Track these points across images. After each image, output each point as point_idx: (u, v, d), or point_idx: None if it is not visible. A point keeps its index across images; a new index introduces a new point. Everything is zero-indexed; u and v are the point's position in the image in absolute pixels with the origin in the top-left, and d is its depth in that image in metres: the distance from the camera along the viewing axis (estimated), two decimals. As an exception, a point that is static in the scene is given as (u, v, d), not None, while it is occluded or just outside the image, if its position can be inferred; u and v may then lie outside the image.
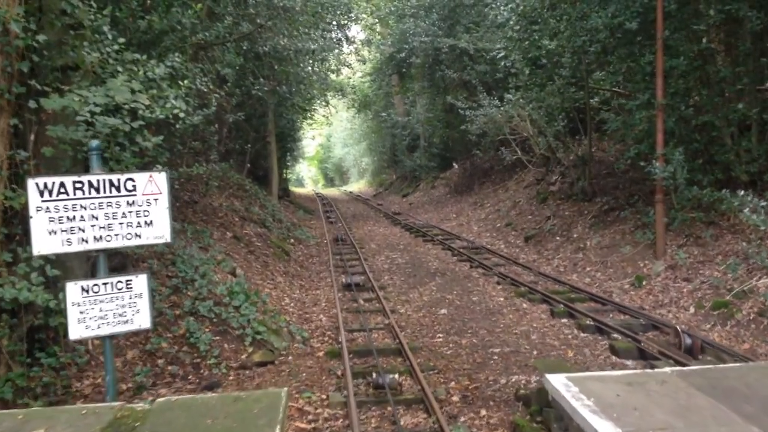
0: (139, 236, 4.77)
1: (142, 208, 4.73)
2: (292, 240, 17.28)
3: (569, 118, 19.43)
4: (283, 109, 25.25)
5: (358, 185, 59.15)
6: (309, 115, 35.72)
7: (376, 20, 32.74)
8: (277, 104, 23.68)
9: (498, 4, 22.53)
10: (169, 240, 4.93)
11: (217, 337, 7.93)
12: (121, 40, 6.79)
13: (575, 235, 14.44)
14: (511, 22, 17.77)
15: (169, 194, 4.88)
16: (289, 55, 15.38)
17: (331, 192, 53.47)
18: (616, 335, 8.61)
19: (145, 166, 6.87)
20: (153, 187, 4.77)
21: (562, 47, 16.60)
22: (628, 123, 13.45)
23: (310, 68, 19.84)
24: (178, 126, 8.10)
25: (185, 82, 8.56)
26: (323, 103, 37.54)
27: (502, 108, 21.47)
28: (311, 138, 59.53)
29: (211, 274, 9.24)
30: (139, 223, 4.74)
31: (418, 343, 8.51)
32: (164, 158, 7.92)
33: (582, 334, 8.86)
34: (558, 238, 14.98)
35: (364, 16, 29.90)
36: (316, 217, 27.79)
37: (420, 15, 27.92)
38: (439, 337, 8.90)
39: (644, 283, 10.69)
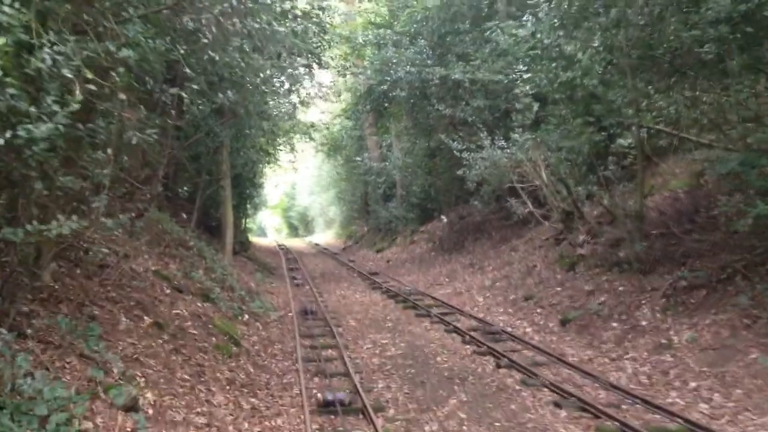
0: None
1: None
2: (246, 317, 12.82)
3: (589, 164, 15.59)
4: (241, 146, 20.97)
5: (325, 236, 54.72)
6: (273, 158, 31.57)
7: (351, 50, 28.74)
8: (233, 138, 19.41)
9: (500, 30, 18.87)
10: None
11: None
12: None
13: (644, 323, 10.27)
14: (540, 35, 13.81)
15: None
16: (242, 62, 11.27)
17: (296, 243, 48.92)
18: None
19: None
20: None
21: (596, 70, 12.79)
22: (748, 163, 9.26)
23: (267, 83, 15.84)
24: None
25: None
26: (288, 146, 33.54)
27: (507, 150, 17.60)
28: (275, 186, 55.17)
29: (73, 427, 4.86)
30: None
31: None
32: None
33: None
34: (615, 324, 10.80)
35: (338, 41, 25.91)
36: (278, 276, 23.32)
37: (403, 43, 24.05)
38: None
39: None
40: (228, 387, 8.09)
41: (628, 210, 13.97)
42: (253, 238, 40.77)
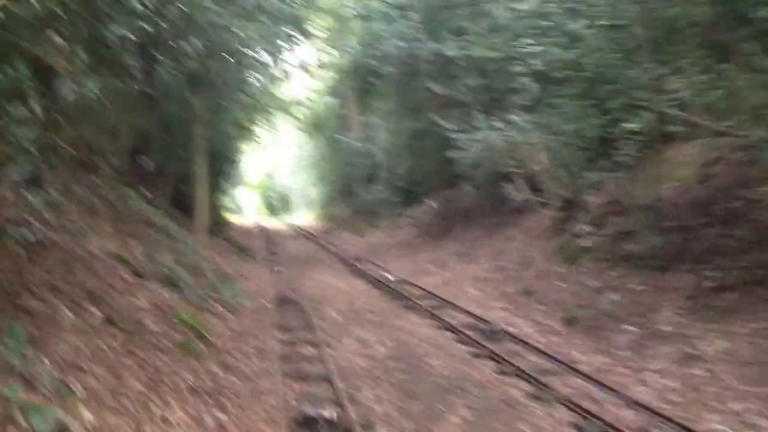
0: None
1: None
2: (217, 307, 11.53)
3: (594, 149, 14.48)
4: (218, 120, 19.52)
5: (305, 218, 53.28)
6: (251, 135, 30.15)
7: (336, 22, 27.20)
8: (209, 111, 17.97)
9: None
10: None
11: None
12: None
13: (666, 328, 9.13)
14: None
15: None
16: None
17: (276, 225, 47.46)
18: None
19: None
20: None
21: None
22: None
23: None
24: None
25: None
26: (268, 122, 32.10)
27: (504, 132, 16.38)
28: (254, 164, 53.56)
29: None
30: None
31: None
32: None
33: None
34: (630, 327, 9.65)
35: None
36: (256, 259, 21.99)
37: (393, 17, 22.62)
38: None
39: None
40: (190, 397, 6.81)
41: (640, 199, 12.88)
42: (233, 219, 39.33)
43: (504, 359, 9.19)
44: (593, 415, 6.97)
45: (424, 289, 15.41)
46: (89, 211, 10.98)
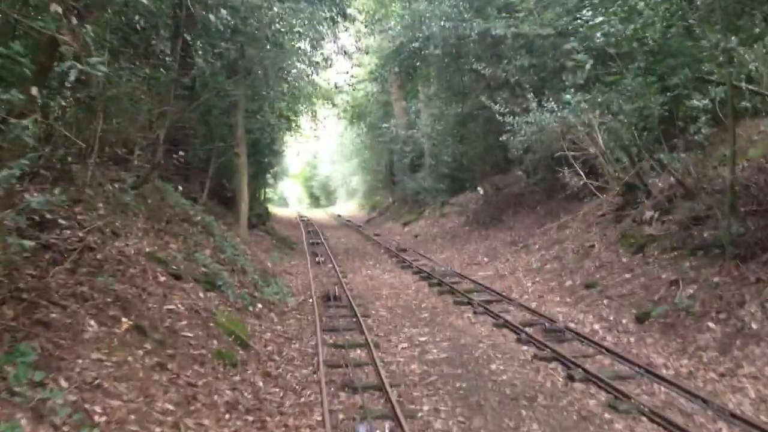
0: None
1: None
2: (258, 307, 10.87)
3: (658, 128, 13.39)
4: (258, 108, 18.86)
5: (347, 207, 52.70)
6: (294, 125, 29.56)
7: (378, 4, 26.27)
8: (249, 100, 17.29)
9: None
10: None
11: None
12: None
13: (755, 325, 8.11)
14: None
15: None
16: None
17: (317, 215, 46.96)
18: None
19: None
20: None
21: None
22: None
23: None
24: None
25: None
26: (310, 113, 31.53)
27: (558, 114, 15.37)
28: (296, 154, 53.08)
29: None
30: None
31: None
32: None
33: None
34: (712, 325, 8.65)
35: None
36: (298, 252, 21.38)
37: (436, -3, 21.59)
38: None
39: None
40: (227, 415, 6.11)
41: (710, 182, 11.81)
42: (274, 209, 38.94)
43: (573, 362, 8.30)
44: (685, 432, 6.07)
45: (475, 282, 14.56)
46: (122, 208, 10.40)
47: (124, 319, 6.59)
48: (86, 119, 10.30)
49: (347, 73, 30.88)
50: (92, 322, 6.13)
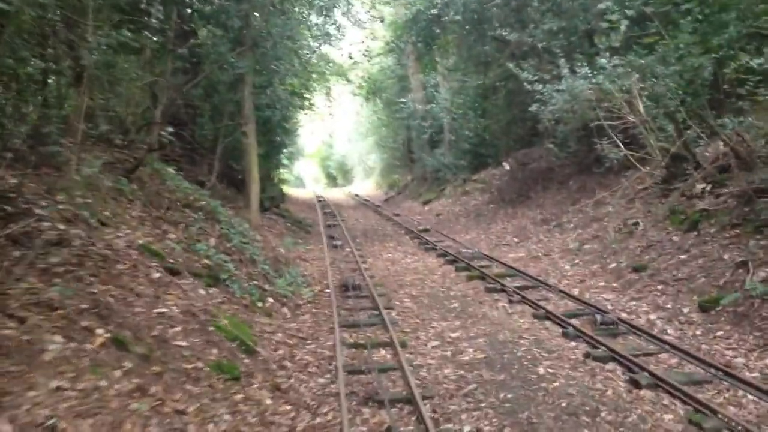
0: None
1: None
2: (268, 302, 9.71)
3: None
4: (266, 82, 17.59)
5: (364, 186, 51.47)
6: (308, 103, 28.30)
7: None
8: (256, 73, 16.01)
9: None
10: None
11: None
12: None
13: None
14: None
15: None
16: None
17: (334, 194, 45.75)
18: None
19: None
20: None
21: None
22: None
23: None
24: None
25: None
26: (324, 90, 30.31)
27: (592, 80, 14.03)
28: (311, 133, 51.90)
29: None
30: None
31: None
32: None
33: None
34: (796, 315, 7.39)
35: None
36: (314, 235, 20.22)
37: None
38: None
39: None
40: (224, 451, 4.95)
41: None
42: (290, 190, 37.85)
43: (634, 363, 7.08)
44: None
45: (507, 265, 13.33)
46: (115, 194, 9.28)
47: (99, 331, 5.43)
48: (69, 93, 9.17)
49: (363, 42, 29.54)
50: (57, 338, 4.97)
